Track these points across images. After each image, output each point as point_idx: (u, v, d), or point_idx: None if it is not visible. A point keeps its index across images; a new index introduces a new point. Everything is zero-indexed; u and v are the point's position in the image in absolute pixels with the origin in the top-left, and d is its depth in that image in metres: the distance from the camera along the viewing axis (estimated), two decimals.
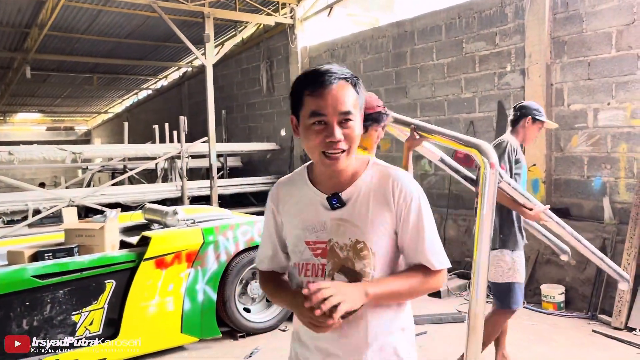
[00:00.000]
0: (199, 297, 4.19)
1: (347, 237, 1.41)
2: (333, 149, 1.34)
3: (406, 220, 1.41)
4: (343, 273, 1.42)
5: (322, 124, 1.34)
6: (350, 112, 1.34)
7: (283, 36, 9.31)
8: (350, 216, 1.41)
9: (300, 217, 1.47)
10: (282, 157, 9.72)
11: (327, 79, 1.33)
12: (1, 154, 6.85)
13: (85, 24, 9.52)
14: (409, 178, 1.45)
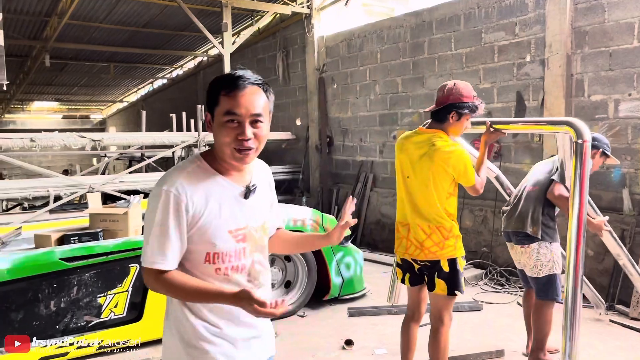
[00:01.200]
0: None
1: (258, 219, 1.65)
2: (244, 146, 1.51)
3: (273, 197, 1.80)
4: (259, 251, 1.65)
5: (235, 122, 1.51)
6: (261, 115, 1.53)
7: (299, 26, 9.31)
8: (258, 202, 1.65)
9: (219, 209, 1.55)
10: (297, 147, 9.76)
11: (242, 82, 1.50)
12: (23, 140, 6.96)
13: (103, 12, 9.60)
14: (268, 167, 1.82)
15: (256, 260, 1.63)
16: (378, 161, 7.84)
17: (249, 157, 1.53)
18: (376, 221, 7.73)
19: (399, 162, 2.97)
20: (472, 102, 2.84)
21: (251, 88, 1.51)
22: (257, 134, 1.53)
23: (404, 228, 2.95)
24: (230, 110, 1.49)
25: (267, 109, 1.57)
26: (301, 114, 9.58)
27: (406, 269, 3.01)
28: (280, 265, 4.74)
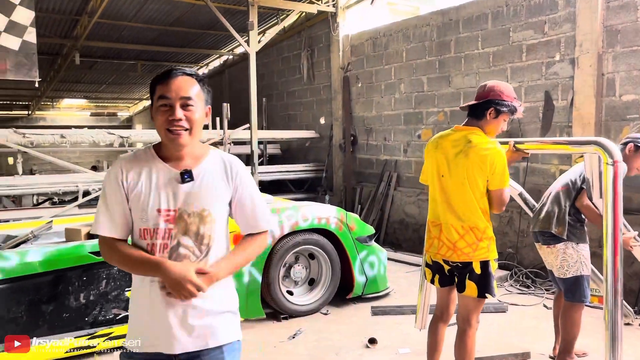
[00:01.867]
0: (244, 278, 4.31)
1: (194, 206, 1.70)
2: (175, 126, 1.65)
3: (241, 193, 1.78)
4: (187, 235, 1.70)
5: (167, 106, 1.67)
6: (191, 98, 1.68)
7: (325, 24, 9.32)
8: (198, 189, 1.71)
9: (152, 189, 1.70)
10: (320, 145, 9.78)
11: (174, 72, 1.70)
12: (54, 136, 7.12)
13: (132, 11, 9.74)
14: (240, 163, 1.84)
15: (183, 244, 1.70)
16: (402, 160, 7.80)
17: (182, 138, 1.67)
18: (400, 220, 7.70)
19: (434, 161, 2.91)
20: (511, 102, 2.81)
21: (183, 77, 1.70)
22: (188, 117, 1.67)
23: (435, 228, 2.91)
24: (162, 95, 1.67)
25: (201, 97, 1.72)
26: (325, 113, 9.59)
27: (436, 270, 2.98)
28: (304, 263, 4.76)
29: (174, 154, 1.73)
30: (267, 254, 4.39)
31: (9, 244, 3.97)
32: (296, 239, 4.54)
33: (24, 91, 17.90)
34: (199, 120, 1.71)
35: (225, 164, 1.79)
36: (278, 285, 4.49)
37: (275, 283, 4.47)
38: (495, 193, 2.77)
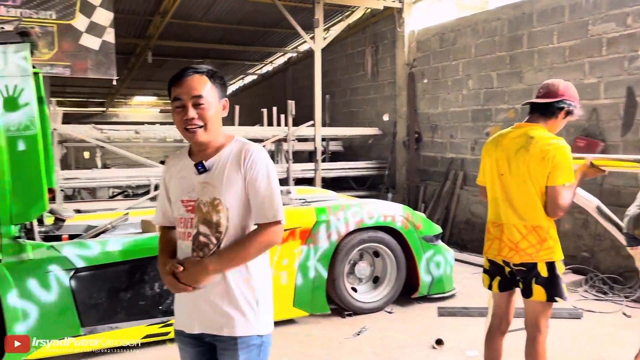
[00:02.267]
0: (310, 273, 4.34)
1: (208, 195, 1.79)
2: (190, 124, 1.75)
3: (250, 179, 1.78)
4: (205, 224, 1.80)
5: (180, 107, 1.76)
6: (202, 96, 1.75)
7: (390, 21, 9.23)
8: (211, 179, 1.79)
9: (179, 182, 1.87)
10: (383, 143, 9.70)
11: (185, 72, 1.78)
12: (128, 132, 7.45)
13: (201, 11, 10.03)
14: (259, 149, 1.83)
15: (202, 232, 1.80)
16: (469, 159, 7.61)
17: (198, 135, 1.77)
18: (465, 220, 7.52)
19: (494, 159, 2.81)
20: (578, 105, 2.70)
21: (194, 76, 1.77)
22: (201, 114, 1.76)
23: (496, 229, 2.79)
24: (175, 97, 1.77)
25: (213, 93, 1.79)
26: (389, 110, 9.50)
27: (495, 273, 2.84)
28: (369, 261, 4.74)
29: (196, 148, 1.86)
30: (333, 250, 4.40)
31: (90, 234, 4.20)
32: (361, 236, 4.53)
33: (100, 89, 18.84)
34: (212, 116, 1.78)
35: (241, 151, 1.81)
36: (343, 282, 4.50)
37: (340, 279, 4.48)
38: (552, 191, 2.58)
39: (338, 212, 4.47)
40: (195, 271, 1.76)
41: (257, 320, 1.83)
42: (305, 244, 4.32)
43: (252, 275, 1.84)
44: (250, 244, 1.79)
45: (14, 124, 3.49)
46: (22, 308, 3.49)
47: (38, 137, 3.57)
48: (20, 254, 3.52)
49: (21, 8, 6.32)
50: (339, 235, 4.43)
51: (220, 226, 1.79)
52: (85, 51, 6.68)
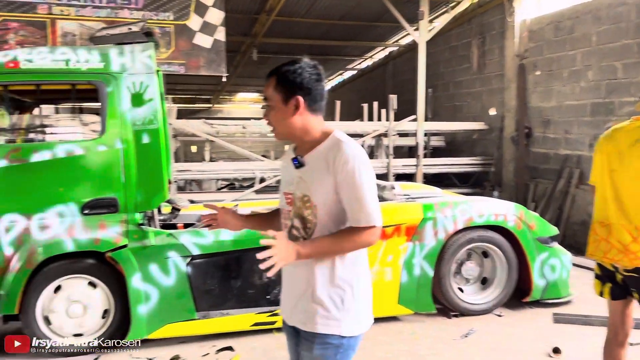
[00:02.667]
0: (415, 270, 4.25)
1: (301, 191, 1.80)
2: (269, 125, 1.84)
3: (341, 179, 1.71)
4: (298, 218, 1.81)
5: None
6: (267, 99, 1.81)
7: (498, 10, 8.80)
8: (304, 175, 1.80)
9: (284, 174, 1.95)
10: (489, 138, 9.28)
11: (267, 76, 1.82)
12: (236, 127, 7.76)
13: (305, 8, 10.19)
14: (352, 145, 1.75)
15: (294, 226, 1.83)
16: (587, 156, 7.06)
17: (275, 135, 1.86)
18: (581, 222, 7.00)
19: (605, 154, 2.54)
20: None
21: (269, 79, 1.80)
22: (267, 116, 1.83)
23: (603, 229, 2.53)
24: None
25: (276, 96, 1.78)
26: (496, 103, 9.08)
27: (605, 278, 2.59)
28: (477, 261, 4.55)
29: (296, 143, 1.90)
30: (439, 248, 4.27)
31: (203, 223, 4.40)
32: (470, 235, 4.36)
33: (207, 86, 19.85)
34: (277, 118, 1.80)
35: (334, 147, 1.75)
36: (449, 281, 4.36)
37: (447, 279, 4.34)
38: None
39: (446, 209, 4.32)
40: (284, 251, 1.66)
41: (339, 320, 1.77)
42: (410, 240, 4.23)
43: (339, 274, 1.78)
44: (344, 240, 1.73)
45: (140, 118, 3.74)
46: (144, 290, 3.74)
47: (160, 131, 3.80)
48: (144, 240, 3.77)
49: (143, 10, 6.78)
50: (447, 233, 4.29)
51: (309, 223, 1.79)
52: (198, 49, 7.03)
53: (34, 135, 3.75)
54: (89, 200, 3.68)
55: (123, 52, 3.76)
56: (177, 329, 3.85)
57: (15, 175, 3.60)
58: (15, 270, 3.54)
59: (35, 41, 6.37)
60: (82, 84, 3.77)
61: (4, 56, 3.63)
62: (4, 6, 6.27)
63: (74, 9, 6.48)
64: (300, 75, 1.77)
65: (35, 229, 3.61)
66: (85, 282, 3.75)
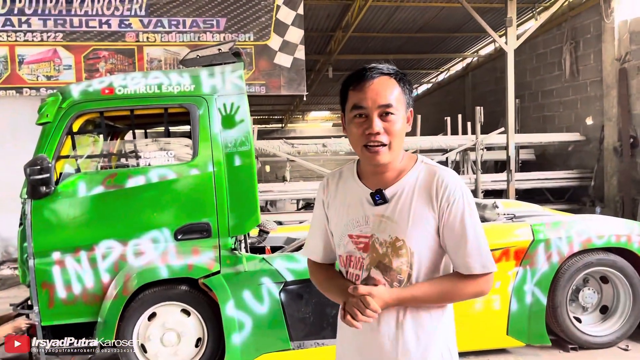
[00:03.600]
0: (527, 298, 3.84)
1: (387, 233, 1.43)
2: (372, 141, 1.37)
3: (448, 220, 1.40)
4: (379, 269, 1.44)
5: (362, 117, 1.40)
6: (391, 105, 1.38)
7: (592, 12, 8.21)
8: (392, 213, 1.42)
9: (346, 211, 1.50)
10: (586, 149, 8.61)
11: (369, 73, 1.39)
12: (317, 146, 7.63)
13: (381, 22, 10.02)
14: (455, 177, 1.44)
15: (372, 278, 1.44)
16: None
17: (380, 155, 1.40)
18: None
19: None
20: None
21: (380, 79, 1.40)
22: (388, 128, 1.39)
23: None
24: (356, 104, 1.41)
25: (402, 101, 1.42)
26: (593, 112, 8.41)
27: None
28: (595, 287, 4.07)
29: (372, 170, 1.48)
30: (553, 273, 3.85)
31: (292, 247, 4.23)
32: (589, 259, 3.90)
33: (280, 106, 20.09)
34: (400, 131, 1.41)
35: (433, 180, 1.43)
36: (566, 310, 3.91)
37: (563, 307, 3.89)
38: None
39: (559, 230, 3.90)
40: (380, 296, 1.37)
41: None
42: (520, 265, 3.83)
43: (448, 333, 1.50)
44: (453, 289, 1.43)
45: (231, 140, 3.64)
46: (238, 319, 3.60)
47: (252, 153, 3.69)
48: (237, 266, 3.64)
49: (224, 33, 6.85)
50: (561, 256, 3.85)
51: (401, 274, 1.43)
52: (279, 69, 7.00)
53: (128, 161, 3.74)
54: (182, 225, 3.60)
55: (213, 74, 3.69)
56: (272, 359, 3.67)
57: (111, 201, 3.59)
58: (112, 297, 3.51)
59: (124, 68, 6.57)
60: (174, 108, 3.73)
61: (100, 83, 3.66)
62: (94, 36, 6.53)
63: (159, 35, 6.64)
64: (410, 82, 1.49)
65: (130, 255, 3.57)
66: (178, 309, 3.66)
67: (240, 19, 6.83)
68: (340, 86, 1.49)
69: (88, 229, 3.57)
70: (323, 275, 1.62)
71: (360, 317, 1.34)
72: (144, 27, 6.57)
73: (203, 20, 6.72)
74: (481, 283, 1.44)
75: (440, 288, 1.42)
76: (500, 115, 10.18)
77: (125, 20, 6.52)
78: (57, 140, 3.54)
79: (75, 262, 3.52)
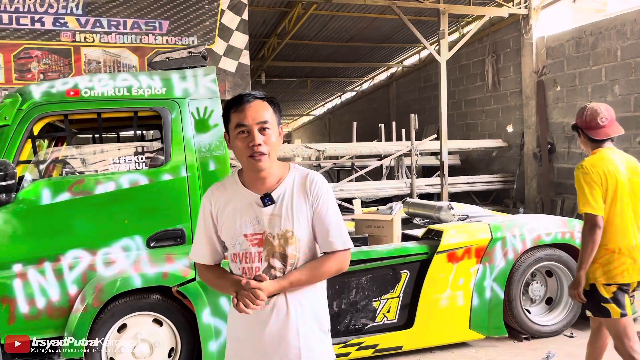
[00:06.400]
0: (486, 293, 4.10)
1: (279, 227, 1.73)
2: (255, 151, 1.66)
3: (317, 209, 1.75)
4: (276, 258, 1.73)
5: (245, 132, 1.69)
6: (267, 122, 1.69)
7: (512, 28, 8.91)
8: (279, 211, 1.73)
9: (238, 215, 1.75)
10: (507, 155, 9.29)
11: (247, 97, 1.71)
12: None
13: (315, 30, 10.19)
14: (321, 178, 1.79)
15: (273, 266, 1.73)
16: None
17: (262, 162, 1.68)
18: None
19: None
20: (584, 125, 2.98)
21: (256, 102, 1.70)
22: (266, 141, 1.68)
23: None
24: (239, 123, 1.69)
25: (274, 119, 1.73)
26: (513, 120, 9.10)
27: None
28: (542, 280, 4.43)
29: (255, 177, 1.75)
30: (509, 269, 4.15)
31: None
32: (538, 255, 4.24)
33: None
34: (275, 143, 1.72)
35: (305, 180, 1.77)
36: (520, 303, 4.22)
37: (517, 300, 4.20)
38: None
39: (514, 229, 4.21)
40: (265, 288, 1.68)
41: (326, 353, 1.83)
42: (480, 262, 4.09)
43: (320, 304, 1.86)
44: (320, 269, 1.75)
45: (205, 145, 3.58)
46: (214, 326, 3.53)
47: (226, 157, 3.64)
48: None
49: (167, 35, 6.66)
50: (516, 253, 4.16)
51: (292, 258, 1.74)
52: (223, 74, 6.92)
53: (95, 166, 3.56)
54: (155, 232, 3.48)
55: (185, 77, 3.61)
56: None
57: (79, 209, 3.39)
58: (81, 310, 3.31)
59: (59, 69, 6.20)
60: (144, 111, 3.60)
61: (64, 84, 3.45)
62: (25, 34, 6.10)
63: (98, 35, 6.33)
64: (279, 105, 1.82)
65: (100, 264, 3.39)
66: (150, 319, 3.53)
67: (183, 22, 6.68)
68: (223, 111, 1.80)
69: (53, 239, 3.35)
70: (212, 274, 1.87)
71: (251, 305, 1.64)
72: (80, 26, 6.23)
73: (145, 22, 6.49)
74: (342, 259, 1.79)
75: (309, 271, 1.74)
76: (425, 123, 10.73)
77: (60, 19, 6.14)
78: (16, 145, 3.29)
79: (39, 274, 3.29)
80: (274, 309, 1.75)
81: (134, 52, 6.48)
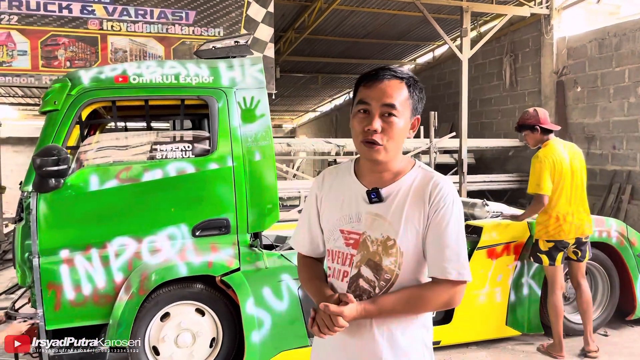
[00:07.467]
0: (524, 290, 4.10)
1: (380, 232, 1.44)
2: (369, 138, 1.39)
3: (435, 222, 1.41)
4: (369, 266, 1.45)
5: (365, 112, 1.42)
6: (394, 107, 1.39)
7: (532, 28, 8.90)
8: (385, 212, 1.44)
9: (339, 206, 1.51)
10: (524, 155, 9.29)
11: (382, 73, 1.42)
12: (282, 145, 7.59)
13: (333, 25, 10.15)
14: (449, 185, 1.45)
15: (363, 275, 1.46)
16: (638, 171, 7.06)
17: (376, 153, 1.41)
18: None
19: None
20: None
21: (391, 81, 1.42)
22: (386, 129, 1.41)
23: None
24: (362, 99, 1.43)
25: (407, 106, 1.43)
26: None
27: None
28: None
29: (369, 168, 1.49)
30: None
31: (285, 247, 4.21)
32: None
33: None
34: (398, 134, 1.42)
35: (427, 183, 1.44)
36: None
37: None
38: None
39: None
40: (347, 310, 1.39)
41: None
42: (519, 259, 4.10)
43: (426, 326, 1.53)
44: (422, 299, 1.42)
45: (251, 135, 3.57)
46: (257, 316, 3.52)
47: (272, 148, 3.63)
48: (256, 263, 3.56)
49: (193, 26, 6.63)
50: None
51: (389, 273, 1.44)
52: None
53: (144, 154, 3.53)
54: (201, 221, 3.47)
55: (232, 66, 3.60)
56: (292, 357, 3.63)
57: (126, 196, 3.37)
58: (127, 297, 3.29)
59: (86, 57, 6.17)
60: (191, 99, 3.59)
61: (112, 70, 3.44)
62: (53, 21, 6.06)
63: (125, 24, 6.29)
64: (423, 90, 1.51)
65: (145, 252, 3.38)
66: (193, 309, 3.52)
67: (210, 12, 6.65)
68: (355, 81, 1.51)
69: (100, 225, 3.34)
70: (307, 275, 1.62)
71: (327, 331, 1.39)
72: (108, 14, 6.19)
73: (172, 12, 6.46)
74: (453, 292, 1.42)
75: (407, 299, 1.41)
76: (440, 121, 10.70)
77: (88, 6, 6.10)
78: (65, 130, 3.29)
79: (86, 261, 3.28)
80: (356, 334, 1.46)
81: (160, 41, 6.45)
